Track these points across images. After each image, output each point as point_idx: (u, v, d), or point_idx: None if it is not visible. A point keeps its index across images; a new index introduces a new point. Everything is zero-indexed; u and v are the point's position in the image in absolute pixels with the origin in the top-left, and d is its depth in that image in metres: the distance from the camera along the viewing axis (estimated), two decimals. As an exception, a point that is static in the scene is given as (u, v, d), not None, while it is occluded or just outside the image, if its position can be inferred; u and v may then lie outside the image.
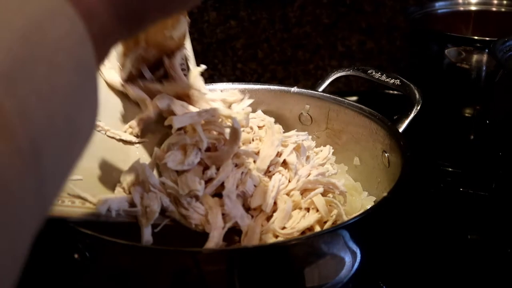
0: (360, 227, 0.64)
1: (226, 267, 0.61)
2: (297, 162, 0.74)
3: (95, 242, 0.62)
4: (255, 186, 0.69)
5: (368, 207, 0.72)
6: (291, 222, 0.67)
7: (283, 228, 0.67)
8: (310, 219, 0.67)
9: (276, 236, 0.66)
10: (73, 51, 0.37)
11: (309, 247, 0.62)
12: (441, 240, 0.88)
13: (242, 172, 0.70)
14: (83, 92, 0.38)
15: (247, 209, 0.68)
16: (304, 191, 0.70)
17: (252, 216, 0.68)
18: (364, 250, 0.66)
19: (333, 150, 0.84)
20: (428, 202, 0.97)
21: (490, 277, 0.81)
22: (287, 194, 0.71)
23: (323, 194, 0.70)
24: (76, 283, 0.68)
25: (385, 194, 0.67)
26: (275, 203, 0.69)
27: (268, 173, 0.73)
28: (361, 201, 0.78)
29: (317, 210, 0.68)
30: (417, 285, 0.81)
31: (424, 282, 0.81)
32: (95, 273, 0.64)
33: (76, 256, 0.62)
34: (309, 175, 0.73)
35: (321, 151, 0.83)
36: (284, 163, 0.74)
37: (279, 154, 0.75)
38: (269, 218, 0.68)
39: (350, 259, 0.65)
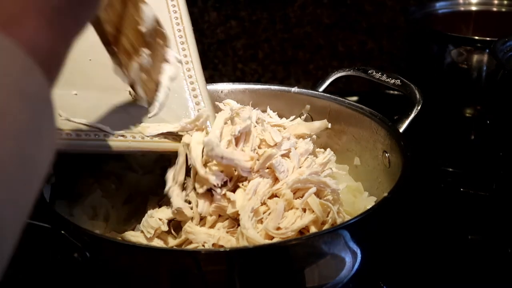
0: (361, 227, 0.64)
1: (226, 267, 0.61)
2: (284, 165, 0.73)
3: (95, 242, 0.62)
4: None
5: (369, 207, 0.71)
6: (286, 222, 0.67)
7: (278, 228, 0.66)
8: (305, 219, 0.67)
9: (271, 237, 0.66)
10: (16, 83, 0.35)
11: (309, 247, 0.62)
12: (442, 240, 0.88)
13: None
14: (36, 123, 0.36)
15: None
16: (297, 191, 0.70)
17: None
18: (365, 250, 0.66)
19: (334, 157, 0.84)
20: (428, 202, 0.97)
21: (490, 277, 0.81)
22: (276, 195, 0.70)
23: (319, 194, 0.70)
24: (76, 283, 0.68)
25: (385, 194, 0.67)
26: (265, 204, 0.69)
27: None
28: (364, 203, 0.78)
29: (313, 211, 0.68)
30: (417, 285, 0.81)
31: (424, 282, 0.81)
32: (95, 273, 0.64)
33: (76, 255, 0.62)
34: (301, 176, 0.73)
35: (322, 152, 0.83)
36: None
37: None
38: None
39: (350, 259, 0.65)
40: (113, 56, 0.68)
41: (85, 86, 0.74)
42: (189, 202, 0.70)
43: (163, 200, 0.73)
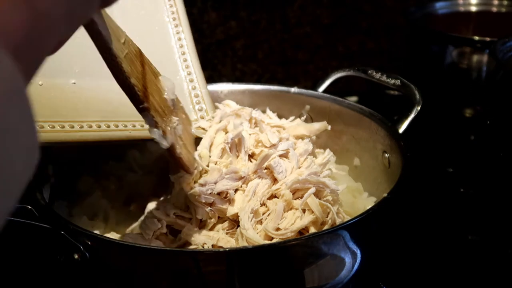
0: (360, 228, 0.64)
1: (226, 267, 0.61)
2: (282, 166, 0.74)
3: (95, 242, 0.62)
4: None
5: (369, 207, 0.71)
6: (285, 223, 0.67)
7: (277, 229, 0.66)
8: (304, 220, 0.67)
9: (271, 238, 0.66)
10: None
11: (309, 247, 0.62)
12: (441, 240, 0.88)
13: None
14: (4, 120, 0.30)
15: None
16: (296, 191, 0.70)
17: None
18: (364, 251, 0.66)
19: (334, 157, 0.84)
20: (428, 202, 0.97)
21: (490, 278, 0.81)
22: (275, 196, 0.70)
23: (318, 195, 0.70)
24: (76, 283, 0.68)
25: (385, 194, 0.67)
26: (264, 205, 0.69)
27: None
28: (364, 203, 0.78)
29: (312, 212, 0.68)
30: (417, 285, 0.81)
31: (424, 282, 0.80)
32: (95, 273, 0.64)
33: (76, 256, 0.62)
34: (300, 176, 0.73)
35: (322, 153, 0.83)
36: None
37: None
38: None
39: (350, 259, 0.65)
40: (146, 116, 0.62)
41: (82, 74, 0.73)
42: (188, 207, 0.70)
43: (162, 200, 0.73)
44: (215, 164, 0.71)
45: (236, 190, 0.69)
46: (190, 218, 0.69)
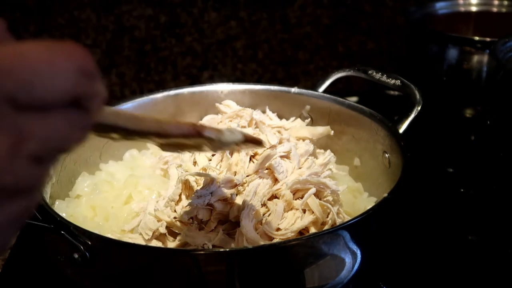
0: (361, 228, 0.64)
1: (226, 267, 0.61)
2: (283, 166, 0.74)
3: (95, 242, 0.62)
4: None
5: (369, 208, 0.71)
6: (285, 223, 0.67)
7: (278, 229, 0.66)
8: (305, 220, 0.67)
9: (271, 238, 0.66)
10: None
11: (309, 247, 0.62)
12: (442, 240, 0.88)
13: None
14: None
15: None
16: (297, 192, 0.70)
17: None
18: (365, 251, 0.66)
19: (334, 158, 0.84)
20: (428, 202, 0.97)
21: (490, 278, 0.81)
22: (276, 196, 0.70)
23: (319, 195, 0.70)
24: (76, 283, 0.68)
25: (385, 194, 0.67)
26: (265, 205, 0.69)
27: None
28: (364, 203, 0.78)
29: (313, 212, 0.68)
30: (417, 285, 0.81)
31: (424, 283, 0.80)
32: (95, 273, 0.64)
33: (76, 256, 0.61)
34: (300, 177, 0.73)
35: (323, 153, 0.83)
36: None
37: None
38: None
39: (350, 259, 0.65)
40: (209, 133, 0.56)
41: None
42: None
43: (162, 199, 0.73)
44: (214, 170, 0.71)
45: (237, 194, 0.70)
46: (191, 218, 0.69)
